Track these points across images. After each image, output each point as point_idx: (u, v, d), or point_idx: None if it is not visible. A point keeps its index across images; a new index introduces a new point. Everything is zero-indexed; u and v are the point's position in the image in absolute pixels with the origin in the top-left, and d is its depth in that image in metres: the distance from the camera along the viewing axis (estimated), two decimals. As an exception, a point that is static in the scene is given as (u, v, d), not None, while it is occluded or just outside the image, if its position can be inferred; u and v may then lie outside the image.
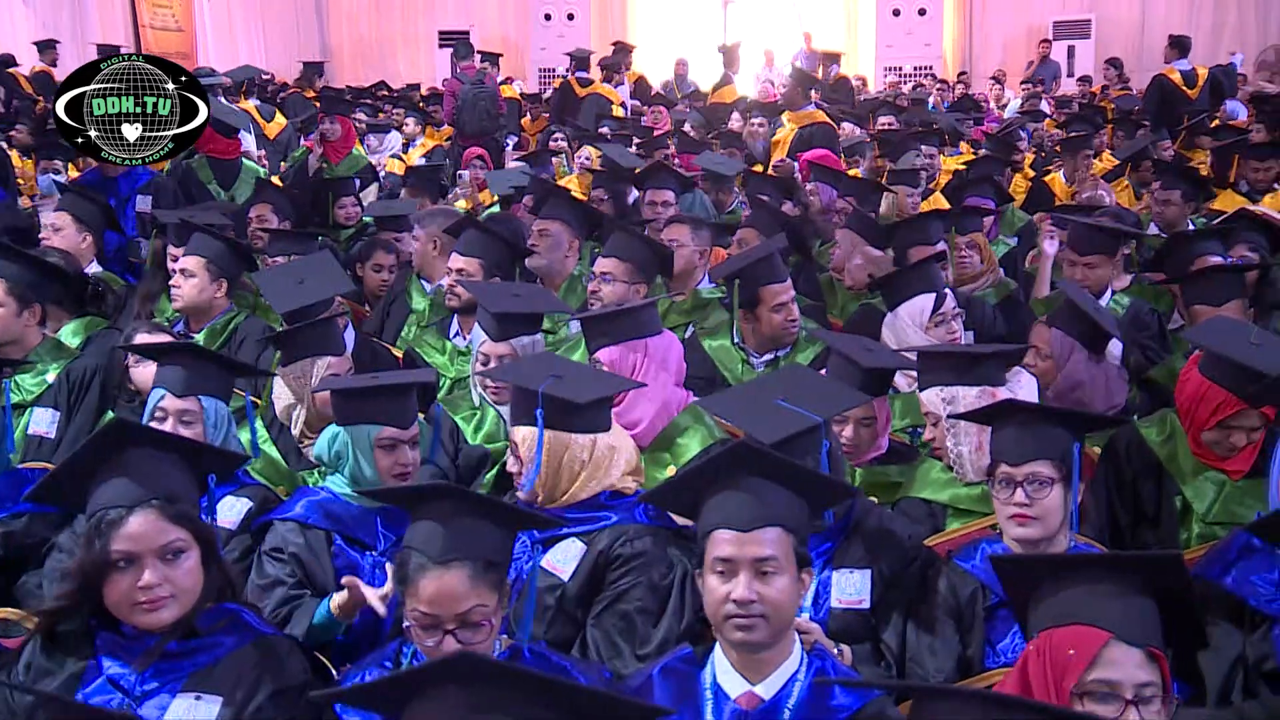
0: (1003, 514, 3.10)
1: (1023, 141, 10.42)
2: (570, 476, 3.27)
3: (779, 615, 2.52)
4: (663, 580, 3.20)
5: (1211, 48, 18.14)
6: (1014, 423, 3.12)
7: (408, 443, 3.42)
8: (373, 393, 3.44)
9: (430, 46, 21.34)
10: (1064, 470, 3.06)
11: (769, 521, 2.53)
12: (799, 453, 3.09)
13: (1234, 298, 4.71)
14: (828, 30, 20.76)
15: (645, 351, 4.00)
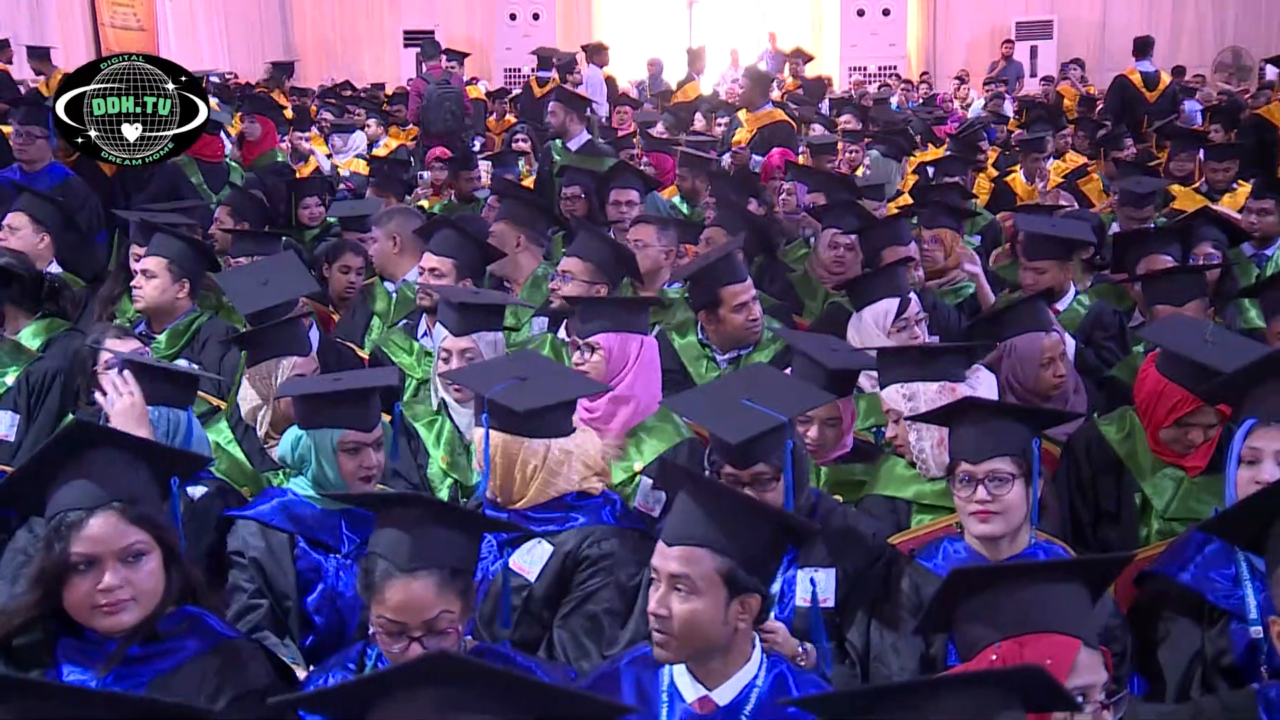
0: (964, 511, 3.11)
1: (985, 141, 10.49)
2: (523, 480, 3.27)
3: (687, 636, 2.49)
4: (630, 581, 3.21)
5: (1170, 49, 18.33)
6: (972, 421, 3.13)
7: (371, 445, 3.40)
8: (334, 396, 3.41)
9: (395, 46, 21.28)
10: (1024, 466, 3.07)
11: (693, 541, 2.51)
12: (764, 452, 3.12)
13: (1195, 297, 4.75)
14: (793, 30, 20.82)
15: (642, 346, 4.03)
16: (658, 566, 2.54)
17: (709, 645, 2.52)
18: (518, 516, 3.29)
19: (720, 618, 2.49)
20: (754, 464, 3.16)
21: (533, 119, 12.38)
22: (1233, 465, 3.08)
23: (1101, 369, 4.90)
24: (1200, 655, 2.99)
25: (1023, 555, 3.09)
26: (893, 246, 5.59)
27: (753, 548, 2.53)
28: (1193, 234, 5.69)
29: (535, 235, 5.91)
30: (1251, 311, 5.53)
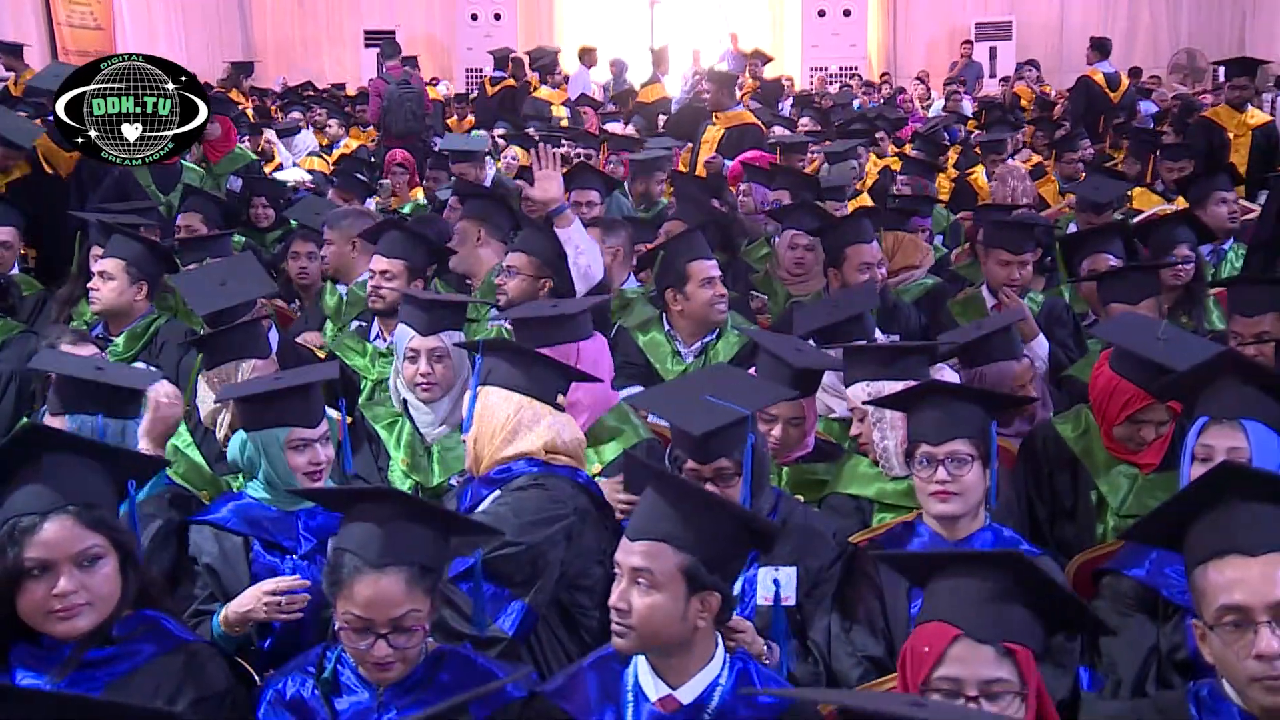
0: (924, 491, 3.18)
1: (946, 140, 10.56)
2: (490, 434, 3.34)
3: (646, 629, 2.50)
4: (542, 506, 3.23)
5: (1126, 51, 18.52)
6: (932, 404, 3.21)
7: (318, 440, 3.39)
8: (274, 395, 3.40)
9: (355, 46, 21.16)
10: (982, 448, 3.14)
11: (656, 536, 2.51)
12: (726, 447, 3.17)
13: (1149, 296, 4.79)
14: (754, 31, 20.88)
15: (577, 357, 4.00)
16: (620, 560, 2.55)
17: (667, 640, 2.53)
18: (480, 483, 3.34)
19: (679, 614, 2.50)
20: (716, 459, 3.20)
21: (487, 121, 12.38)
22: (1186, 462, 3.12)
23: (1064, 366, 4.94)
24: (1155, 650, 3.04)
25: (976, 535, 3.16)
26: (855, 245, 5.61)
27: (715, 546, 2.53)
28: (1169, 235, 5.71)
29: (497, 231, 5.90)
30: (1214, 314, 5.59)
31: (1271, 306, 4.31)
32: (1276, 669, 2.22)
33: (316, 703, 2.65)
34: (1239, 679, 2.28)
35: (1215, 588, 2.29)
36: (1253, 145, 8.93)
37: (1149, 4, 20.37)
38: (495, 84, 15.02)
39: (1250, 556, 2.27)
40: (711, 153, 9.41)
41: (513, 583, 3.17)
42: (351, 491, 2.93)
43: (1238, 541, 2.29)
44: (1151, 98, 14.90)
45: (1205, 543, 2.34)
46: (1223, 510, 2.34)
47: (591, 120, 13.17)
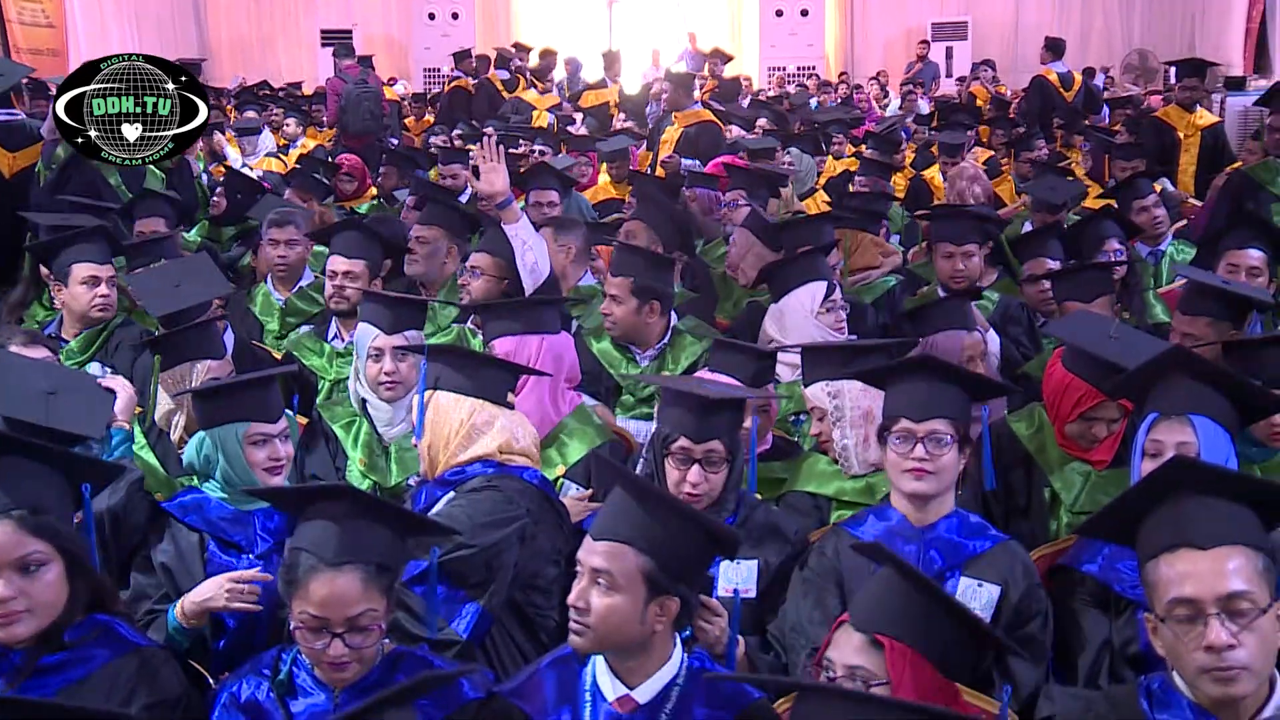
0: (898, 467, 3.14)
1: (902, 140, 10.63)
2: (446, 438, 3.34)
3: (603, 630, 2.50)
4: (494, 507, 3.23)
5: (1079, 51, 18.70)
6: (918, 380, 3.18)
7: (278, 436, 3.38)
8: (234, 390, 3.40)
9: (312, 45, 21.02)
10: (961, 431, 3.14)
11: (619, 538, 2.52)
12: (720, 429, 3.25)
13: (1103, 294, 4.85)
14: (712, 30, 20.92)
15: (540, 348, 4.02)
16: (582, 559, 2.55)
17: (625, 642, 2.53)
18: (435, 484, 3.33)
19: (637, 616, 2.50)
20: (710, 439, 3.23)
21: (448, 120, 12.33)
22: (1137, 458, 3.16)
23: (1019, 363, 4.98)
24: (1108, 644, 3.07)
25: (941, 521, 3.16)
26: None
27: (678, 552, 2.53)
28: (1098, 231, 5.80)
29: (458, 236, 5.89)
30: (1157, 307, 5.67)
31: (1207, 311, 4.34)
32: (1225, 660, 2.25)
33: (272, 705, 2.64)
34: (1189, 670, 2.32)
35: (1167, 581, 2.32)
36: (1201, 145, 9.05)
37: (1102, 5, 20.58)
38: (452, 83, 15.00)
39: (1201, 550, 2.31)
40: (669, 152, 9.42)
41: (467, 584, 3.16)
42: (307, 489, 2.93)
43: (1189, 535, 2.32)
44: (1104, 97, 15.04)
45: (1157, 537, 2.37)
46: (1174, 505, 2.37)
47: (549, 119, 13.16)
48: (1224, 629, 2.25)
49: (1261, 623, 2.27)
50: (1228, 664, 2.25)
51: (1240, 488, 2.40)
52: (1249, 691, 2.30)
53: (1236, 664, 2.25)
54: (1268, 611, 2.28)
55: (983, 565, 3.08)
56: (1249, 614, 2.26)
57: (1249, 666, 2.26)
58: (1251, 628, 2.26)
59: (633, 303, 4.76)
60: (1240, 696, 2.30)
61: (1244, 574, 2.28)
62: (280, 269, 5.91)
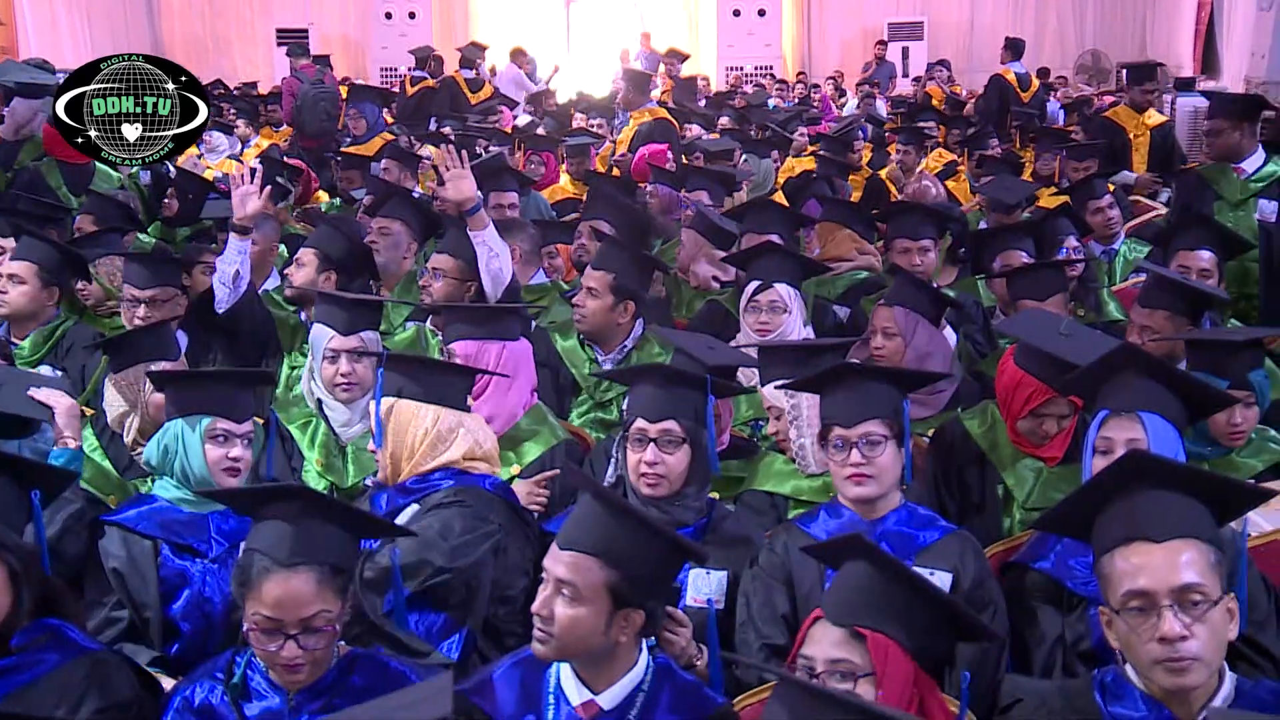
0: (839, 475, 3.18)
1: (859, 140, 10.66)
2: (411, 447, 3.32)
3: (566, 639, 2.50)
4: (466, 525, 3.22)
5: (1034, 52, 18.86)
6: (844, 386, 3.21)
7: (240, 438, 3.36)
8: (207, 380, 3.39)
9: (268, 44, 20.83)
10: (895, 428, 3.16)
11: (585, 549, 2.51)
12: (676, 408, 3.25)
13: (1057, 291, 4.89)
14: (669, 30, 20.93)
15: (502, 352, 4.01)
16: (547, 567, 2.54)
17: (588, 651, 2.53)
18: (396, 491, 3.32)
19: (601, 628, 2.50)
20: (665, 419, 3.23)
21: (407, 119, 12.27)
22: (1088, 455, 3.18)
23: (975, 359, 5.01)
24: (1061, 640, 3.10)
25: (890, 515, 3.19)
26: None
27: (644, 565, 2.53)
28: (1054, 229, 5.85)
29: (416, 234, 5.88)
30: (1111, 305, 5.73)
31: (1166, 305, 4.39)
32: (1178, 651, 2.29)
33: (226, 708, 2.62)
34: (1143, 662, 2.35)
35: (1121, 574, 2.36)
36: (1151, 145, 9.16)
37: (1056, 6, 20.76)
38: (415, 83, 14.92)
39: (1155, 543, 2.34)
40: (624, 150, 9.43)
41: (449, 606, 3.17)
42: (261, 490, 2.91)
43: (1143, 529, 2.36)
44: (1056, 96, 15.19)
45: (1112, 530, 2.41)
46: (1129, 498, 2.41)
47: (506, 119, 13.12)
48: (1177, 620, 2.29)
49: (1213, 615, 2.32)
50: (1180, 655, 2.29)
51: (1193, 482, 2.44)
52: (1201, 682, 2.34)
53: (1189, 655, 2.29)
54: (1219, 604, 2.32)
55: (934, 554, 3.11)
56: (1201, 606, 2.30)
57: (1200, 657, 2.30)
58: (1203, 619, 2.30)
59: (609, 299, 4.75)
60: (1192, 687, 2.33)
61: (1197, 567, 2.32)
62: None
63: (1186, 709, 2.37)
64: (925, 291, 4.61)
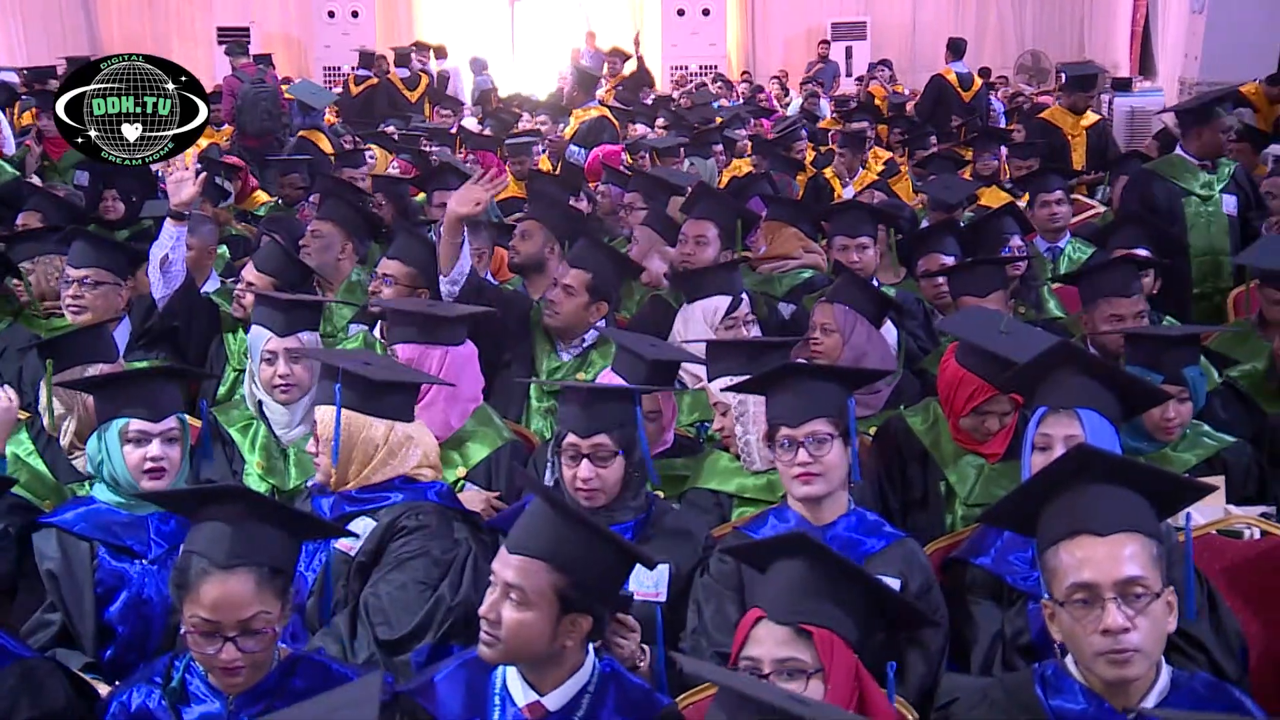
0: (787, 475, 3.20)
1: (801, 140, 10.71)
2: (363, 460, 3.29)
3: (513, 643, 2.50)
4: (445, 555, 3.21)
5: (975, 52, 19.06)
6: (789, 386, 3.23)
7: (158, 436, 3.30)
8: (118, 381, 3.34)
9: (208, 43, 20.58)
10: (841, 426, 3.18)
11: (533, 553, 2.51)
12: (608, 422, 3.24)
13: (997, 289, 4.94)
14: (614, 29, 20.92)
15: (445, 358, 3.99)
16: (496, 571, 2.54)
17: (534, 655, 2.53)
18: (342, 498, 3.29)
19: (548, 633, 2.50)
20: (596, 434, 3.23)
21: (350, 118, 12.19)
22: (1027, 452, 3.21)
23: (918, 356, 5.05)
24: (1001, 635, 3.12)
25: (840, 520, 3.20)
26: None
27: (591, 570, 2.53)
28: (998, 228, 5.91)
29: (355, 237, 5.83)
30: (1051, 303, 5.80)
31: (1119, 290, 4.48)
32: (1120, 643, 2.33)
33: (164, 713, 2.59)
34: (1085, 654, 2.38)
35: (1066, 567, 2.39)
36: (1088, 144, 9.30)
37: (996, 6, 20.97)
38: (360, 83, 14.83)
39: (1099, 537, 2.38)
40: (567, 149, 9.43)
41: (456, 632, 3.14)
42: (199, 491, 2.88)
43: (1088, 522, 2.39)
44: (998, 95, 15.35)
45: (1057, 524, 2.44)
46: (1074, 493, 2.44)
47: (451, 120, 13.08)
48: (1120, 613, 2.33)
49: (1154, 607, 2.35)
50: (1123, 646, 2.33)
51: (1137, 477, 2.48)
52: (1141, 673, 2.38)
53: (1130, 646, 2.33)
54: (1160, 596, 2.36)
55: (882, 561, 3.13)
56: (1144, 598, 2.34)
57: (1142, 649, 2.34)
58: (1145, 612, 2.34)
59: (584, 298, 4.77)
60: (1133, 678, 2.37)
61: (1139, 560, 2.36)
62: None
63: (1125, 700, 2.40)
64: (866, 291, 4.64)
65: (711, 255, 5.62)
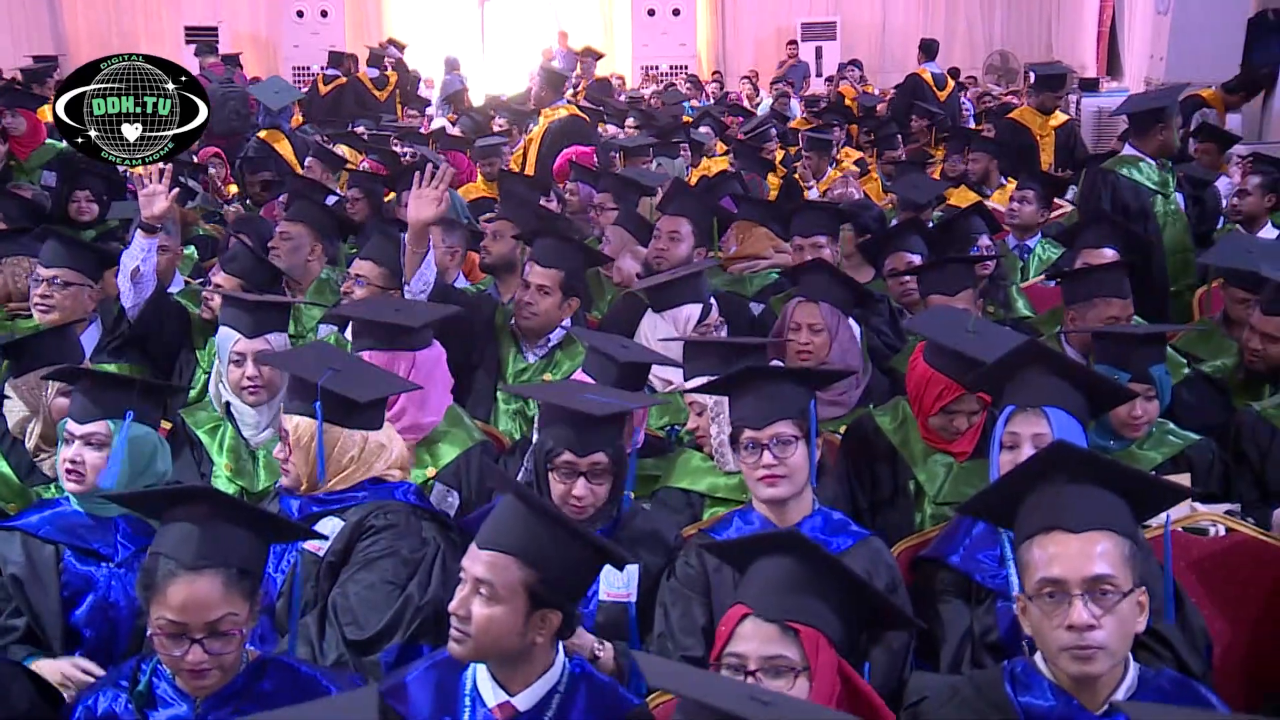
0: (751, 477, 3.21)
1: (772, 141, 10.74)
2: (337, 470, 3.28)
3: (482, 639, 2.49)
4: (413, 554, 3.20)
5: (944, 52, 19.15)
6: (752, 388, 3.25)
7: (81, 439, 3.27)
8: (70, 378, 3.32)
9: (176, 42, 20.42)
10: (804, 428, 3.19)
11: (503, 549, 2.50)
12: (604, 441, 3.22)
13: (966, 287, 4.96)
14: (585, 29, 20.92)
15: (413, 364, 3.97)
16: (466, 567, 2.53)
17: (504, 651, 2.53)
18: (310, 499, 3.28)
19: (518, 628, 2.49)
20: (594, 452, 3.22)
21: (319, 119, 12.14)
22: (995, 450, 3.22)
23: (885, 354, 5.07)
24: (970, 633, 3.14)
25: (805, 521, 3.21)
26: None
27: (562, 566, 2.53)
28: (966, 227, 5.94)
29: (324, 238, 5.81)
30: (1020, 302, 5.84)
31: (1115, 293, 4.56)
32: (1085, 639, 2.35)
33: (130, 717, 2.57)
34: (1051, 648, 2.41)
35: (1037, 561, 2.41)
36: (1056, 144, 9.37)
37: (964, 7, 21.09)
38: (329, 82, 14.78)
39: (1072, 533, 2.40)
40: (535, 150, 9.42)
41: (425, 631, 3.13)
42: (166, 492, 2.85)
43: (1061, 519, 2.42)
44: (966, 95, 15.43)
45: (1033, 519, 2.46)
46: (1050, 489, 2.47)
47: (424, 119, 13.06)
48: (1086, 610, 2.35)
49: (1122, 606, 2.37)
50: (1086, 643, 2.35)
51: (1115, 476, 2.50)
52: (1104, 670, 2.39)
53: (1095, 644, 2.35)
54: (1129, 596, 2.38)
55: (847, 560, 3.09)
56: (1111, 597, 2.36)
57: (1106, 646, 2.36)
58: (1113, 610, 2.36)
59: (558, 296, 4.77)
60: (1096, 675, 2.39)
61: (1110, 558, 2.38)
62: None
63: (1092, 697, 2.42)
64: (840, 280, 4.68)
65: (685, 251, 5.61)
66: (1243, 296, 4.76)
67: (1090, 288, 4.61)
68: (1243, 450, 4.03)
